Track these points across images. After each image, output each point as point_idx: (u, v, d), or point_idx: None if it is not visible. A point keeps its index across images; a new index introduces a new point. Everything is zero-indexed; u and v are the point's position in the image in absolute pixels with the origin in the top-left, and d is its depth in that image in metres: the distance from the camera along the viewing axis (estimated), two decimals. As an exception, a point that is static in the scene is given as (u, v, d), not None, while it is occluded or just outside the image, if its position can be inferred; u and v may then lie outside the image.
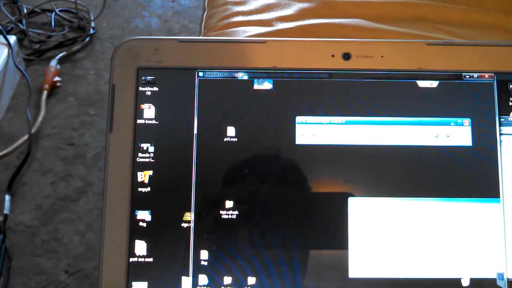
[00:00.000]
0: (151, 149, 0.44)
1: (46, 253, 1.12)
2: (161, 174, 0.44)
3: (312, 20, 0.67)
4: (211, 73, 0.45)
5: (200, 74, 0.45)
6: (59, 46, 1.55)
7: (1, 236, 1.10)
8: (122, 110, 0.45)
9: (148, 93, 0.45)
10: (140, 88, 0.45)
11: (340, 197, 0.44)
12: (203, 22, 0.77)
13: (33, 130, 1.31)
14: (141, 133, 0.44)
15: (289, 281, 0.43)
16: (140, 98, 0.45)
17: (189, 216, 0.44)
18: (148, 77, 0.45)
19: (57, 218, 1.18)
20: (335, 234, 0.44)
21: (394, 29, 0.65)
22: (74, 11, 1.61)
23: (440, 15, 0.69)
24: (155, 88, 0.45)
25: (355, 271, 0.44)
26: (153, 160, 0.44)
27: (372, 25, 0.66)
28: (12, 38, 1.40)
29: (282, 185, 0.44)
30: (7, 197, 1.18)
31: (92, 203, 1.21)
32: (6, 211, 1.16)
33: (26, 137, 1.29)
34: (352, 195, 0.44)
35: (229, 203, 0.44)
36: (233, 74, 0.45)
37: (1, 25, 1.45)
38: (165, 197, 0.44)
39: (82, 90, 1.45)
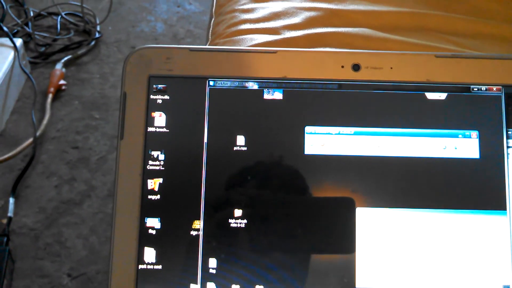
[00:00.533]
0: (162, 157, 0.45)
1: (49, 256, 1.13)
2: (171, 181, 0.45)
3: (319, 28, 0.67)
4: (222, 82, 0.46)
5: (211, 83, 0.46)
6: (65, 49, 1.56)
7: (5, 238, 1.10)
8: (133, 117, 0.45)
9: (159, 101, 0.45)
10: (151, 96, 0.45)
11: (348, 207, 0.44)
12: (211, 29, 0.78)
13: (37, 133, 1.31)
14: (152, 141, 0.45)
15: (296, 290, 0.44)
16: (151, 106, 0.45)
17: (198, 224, 0.44)
18: (159, 86, 0.45)
19: (61, 221, 1.18)
20: (343, 244, 0.44)
21: (400, 38, 0.66)
22: (80, 14, 1.62)
23: (446, 25, 0.69)
24: (166, 97, 0.45)
25: (362, 281, 0.44)
26: (163, 168, 0.45)
27: (379, 34, 0.66)
28: (18, 41, 1.41)
29: (291, 195, 0.44)
30: (11, 200, 1.19)
31: (95, 207, 1.21)
32: (10, 214, 1.16)
33: (30, 140, 1.29)
34: (360, 206, 0.44)
35: (238, 212, 0.44)
36: (244, 84, 0.46)
37: (8, 28, 1.46)
38: (175, 205, 0.44)
39: (87, 94, 1.45)
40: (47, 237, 1.16)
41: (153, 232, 0.44)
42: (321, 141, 0.45)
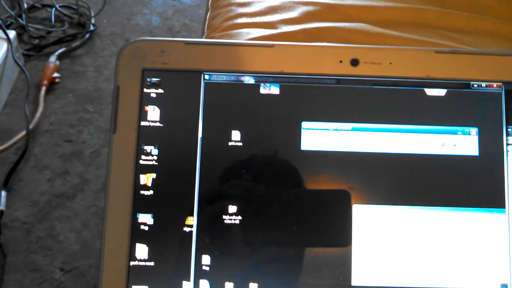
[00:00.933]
0: (155, 151, 0.44)
1: (41, 250, 1.12)
2: (164, 177, 0.44)
3: (316, 23, 0.66)
4: (217, 76, 0.45)
5: (206, 77, 0.45)
6: (59, 42, 1.54)
7: (-4, 232, 1.09)
8: (126, 111, 0.44)
9: (153, 95, 0.44)
10: (145, 90, 0.44)
11: (344, 204, 0.44)
12: (207, 22, 0.77)
13: (30, 126, 1.30)
14: (145, 135, 0.44)
15: (291, 288, 0.43)
16: (145, 100, 0.44)
17: (192, 220, 0.43)
18: (153, 79, 0.44)
19: (53, 215, 1.17)
20: (339, 242, 0.43)
21: (398, 34, 0.65)
22: (75, 7, 1.60)
23: (444, 21, 0.68)
24: (160, 90, 0.44)
25: (358, 279, 0.43)
26: (156, 163, 0.44)
27: (376, 29, 0.65)
28: (12, 33, 1.39)
29: (286, 191, 0.44)
30: (3, 193, 1.18)
31: (88, 200, 1.20)
32: (2, 207, 1.15)
33: (23, 133, 1.28)
34: (358, 203, 0.44)
35: (232, 208, 0.43)
36: (240, 78, 0.45)
37: (1, 20, 1.44)
38: (168, 201, 0.44)
39: (81, 87, 1.44)
40: (39, 231, 1.15)
41: (146, 228, 0.43)
42: (318, 136, 0.44)
